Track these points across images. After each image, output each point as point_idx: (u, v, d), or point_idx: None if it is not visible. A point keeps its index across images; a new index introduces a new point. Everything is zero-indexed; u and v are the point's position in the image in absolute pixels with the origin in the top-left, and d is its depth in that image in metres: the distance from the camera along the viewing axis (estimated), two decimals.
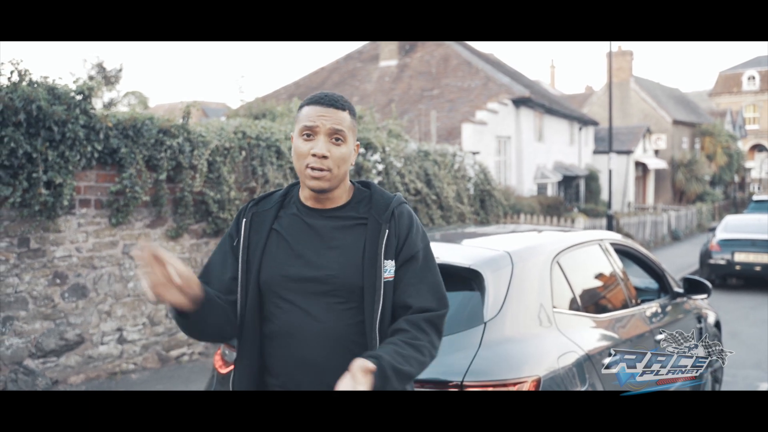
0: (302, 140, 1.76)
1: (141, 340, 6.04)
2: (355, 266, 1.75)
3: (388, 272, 1.75)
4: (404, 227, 1.79)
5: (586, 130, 24.94)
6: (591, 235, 3.87)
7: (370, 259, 1.74)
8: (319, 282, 1.75)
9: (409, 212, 1.84)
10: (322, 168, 1.73)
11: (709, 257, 12.05)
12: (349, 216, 1.81)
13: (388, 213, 1.79)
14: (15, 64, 5.09)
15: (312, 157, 1.73)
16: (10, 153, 4.87)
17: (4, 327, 5.10)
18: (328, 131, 1.75)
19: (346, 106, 1.79)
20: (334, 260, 1.76)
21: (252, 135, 6.82)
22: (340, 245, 1.78)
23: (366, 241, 1.77)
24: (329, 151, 1.74)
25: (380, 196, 1.84)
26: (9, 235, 5.09)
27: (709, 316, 4.81)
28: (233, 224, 1.90)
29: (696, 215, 24.54)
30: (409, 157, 9.47)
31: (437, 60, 20.26)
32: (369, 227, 1.78)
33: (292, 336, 1.75)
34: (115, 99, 24.39)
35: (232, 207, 6.48)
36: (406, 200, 1.87)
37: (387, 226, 1.77)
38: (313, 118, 1.75)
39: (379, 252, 1.75)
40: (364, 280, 1.74)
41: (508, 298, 2.79)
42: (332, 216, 1.81)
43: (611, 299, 3.70)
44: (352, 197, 1.85)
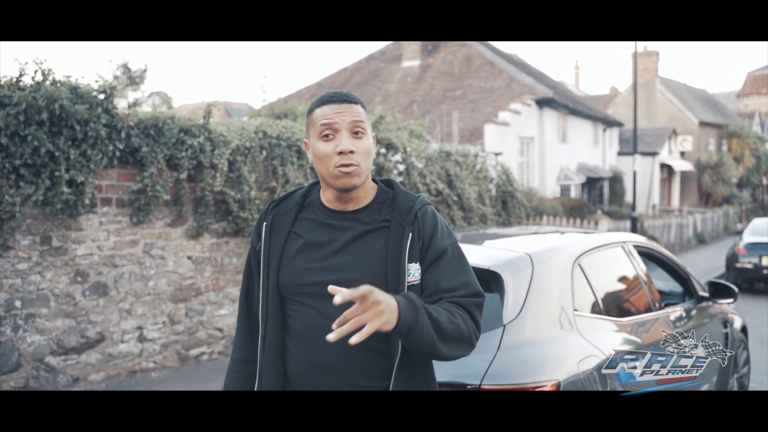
0: (322, 142, 1.71)
1: (161, 338, 6.07)
2: (376, 270, 1.71)
3: (412, 276, 1.70)
4: (428, 228, 1.74)
5: (611, 131, 24.68)
6: (614, 237, 3.80)
7: (394, 264, 1.70)
8: (338, 285, 1.69)
9: (433, 212, 1.79)
10: (352, 163, 1.68)
11: (735, 261, 11.85)
12: (371, 219, 1.77)
13: (411, 215, 1.74)
14: (39, 64, 5.14)
15: (339, 156, 1.68)
16: (33, 152, 4.92)
17: (26, 324, 5.15)
18: (348, 126, 1.70)
19: (357, 99, 1.76)
20: (355, 264, 1.72)
21: (273, 134, 6.82)
22: (362, 249, 1.73)
23: (389, 244, 1.72)
24: (354, 145, 1.69)
25: (403, 198, 1.79)
26: (31, 233, 5.14)
27: (735, 321, 4.71)
28: (255, 230, 1.87)
29: (722, 218, 24.18)
30: (431, 157, 9.42)
31: (460, 60, 20.18)
32: (392, 230, 1.73)
33: (310, 339, 1.72)
34: (139, 99, 24.62)
35: (252, 206, 6.48)
36: (429, 201, 1.83)
37: (410, 229, 1.72)
38: (330, 116, 1.70)
39: (403, 256, 1.70)
40: (387, 285, 1.69)
41: (528, 301, 2.74)
42: (354, 218, 1.77)
43: (634, 302, 3.63)
44: (375, 197, 1.80)
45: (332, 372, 1.70)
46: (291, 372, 1.77)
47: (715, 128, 32.20)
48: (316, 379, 1.72)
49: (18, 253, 5.08)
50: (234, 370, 1.94)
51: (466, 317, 1.67)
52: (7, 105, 4.83)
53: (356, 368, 1.68)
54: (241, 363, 1.93)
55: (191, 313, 6.32)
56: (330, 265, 1.72)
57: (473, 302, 1.70)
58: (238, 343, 1.95)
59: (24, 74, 5.08)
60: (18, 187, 4.92)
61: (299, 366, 1.75)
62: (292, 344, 1.77)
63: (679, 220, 19.23)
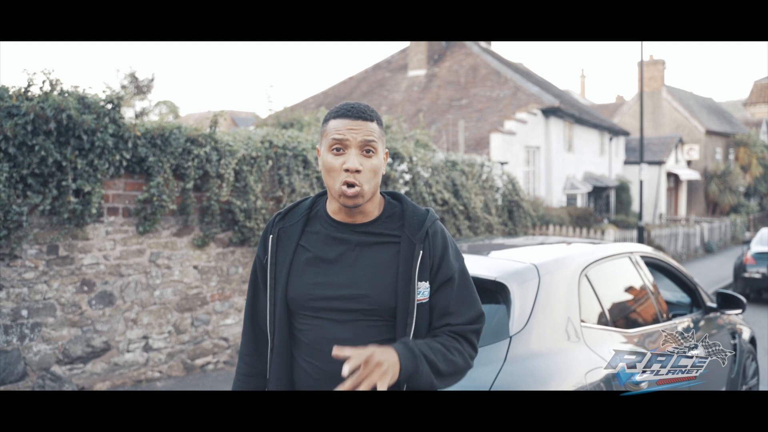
0: (332, 155, 1.71)
1: (166, 348, 6.06)
2: (386, 286, 1.71)
3: (422, 294, 1.72)
4: (438, 248, 1.76)
5: (617, 140, 24.64)
6: (621, 247, 3.78)
7: (404, 281, 1.71)
8: (348, 300, 1.71)
9: (443, 230, 1.80)
10: (356, 183, 1.68)
11: (743, 271, 11.78)
12: (380, 233, 1.77)
13: (422, 233, 1.75)
14: (47, 74, 5.17)
15: (345, 173, 1.69)
16: (40, 161, 4.94)
17: (32, 333, 5.15)
18: (359, 144, 1.70)
19: (373, 116, 1.75)
20: (365, 279, 1.71)
21: (279, 144, 6.83)
22: (371, 263, 1.73)
23: (399, 261, 1.72)
24: (361, 164, 1.69)
25: (413, 213, 1.79)
26: (38, 242, 5.15)
27: (743, 332, 4.67)
28: (260, 243, 1.87)
29: (730, 227, 24.07)
30: (437, 167, 9.41)
31: (466, 70, 20.20)
32: (402, 247, 1.73)
33: (321, 352, 1.72)
34: (146, 108, 24.75)
35: (258, 216, 6.48)
36: (437, 216, 1.84)
37: (421, 247, 1.73)
38: (343, 131, 1.70)
39: (413, 274, 1.71)
40: (397, 302, 1.70)
41: (534, 312, 2.73)
42: (363, 232, 1.77)
43: (641, 313, 3.61)
44: (383, 212, 1.80)
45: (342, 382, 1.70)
46: (300, 385, 1.77)
47: (721, 137, 32.11)
48: (324, 389, 1.72)
49: (25, 263, 5.09)
50: (239, 386, 1.94)
51: (463, 348, 1.75)
52: (15, 115, 4.85)
53: None
54: (246, 378, 1.93)
55: (197, 322, 6.32)
56: (340, 281, 1.72)
57: (473, 330, 1.78)
58: (243, 357, 1.95)
59: (32, 84, 5.10)
60: (25, 196, 4.94)
61: (309, 378, 1.75)
62: (301, 357, 1.77)
63: (686, 230, 19.15)
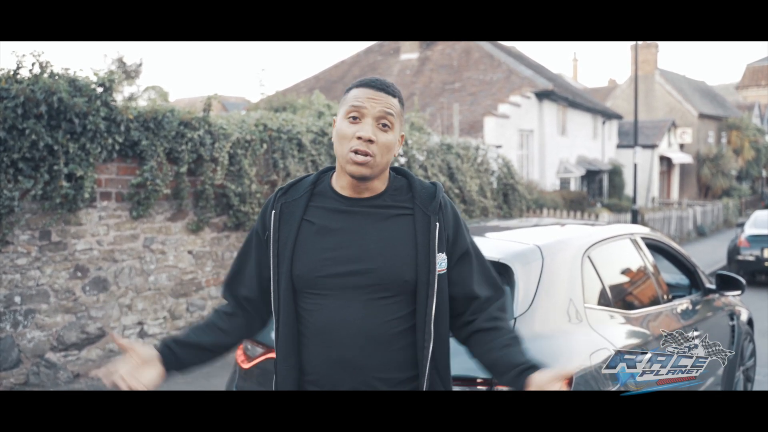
0: (347, 122, 1.65)
1: (162, 333, 6.02)
2: (402, 259, 1.66)
3: (441, 265, 1.68)
4: (451, 220, 1.74)
5: (610, 123, 24.64)
6: (622, 228, 3.77)
7: (423, 253, 1.67)
8: (360, 275, 1.64)
9: (451, 203, 1.78)
10: (367, 152, 1.62)
11: (737, 253, 11.81)
12: (388, 205, 1.71)
13: (435, 204, 1.71)
14: (36, 56, 5.07)
15: (357, 140, 1.62)
16: (31, 145, 4.85)
17: (26, 320, 5.09)
18: (376, 115, 1.64)
19: (396, 93, 1.70)
20: (377, 252, 1.65)
21: (273, 127, 6.76)
22: (383, 237, 1.67)
23: (416, 233, 1.68)
24: (375, 135, 1.63)
25: (421, 186, 1.75)
26: (30, 227, 5.08)
27: (742, 314, 4.67)
28: (260, 218, 1.78)
29: (722, 211, 24.15)
30: (432, 150, 9.38)
31: (458, 53, 20.10)
32: (417, 219, 1.69)
33: (329, 333, 1.65)
34: (135, 94, 24.53)
35: (253, 200, 6.43)
36: (443, 189, 1.82)
37: (436, 219, 1.70)
38: (362, 99, 1.64)
39: (432, 245, 1.67)
40: (417, 275, 1.66)
41: (538, 293, 2.70)
42: (371, 205, 1.70)
43: (643, 295, 3.60)
44: (389, 185, 1.75)
45: (354, 367, 1.64)
46: (308, 367, 1.70)
47: (714, 120, 32.16)
48: (335, 375, 1.66)
49: (17, 249, 5.02)
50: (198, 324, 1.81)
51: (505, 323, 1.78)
52: (4, 98, 4.76)
53: (379, 362, 1.64)
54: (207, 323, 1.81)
55: (192, 308, 6.28)
56: (350, 255, 1.65)
57: (503, 301, 1.80)
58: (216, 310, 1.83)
59: (21, 67, 5.00)
60: (16, 181, 4.86)
61: (317, 361, 1.68)
62: (309, 339, 1.69)
63: (679, 213, 19.19)
